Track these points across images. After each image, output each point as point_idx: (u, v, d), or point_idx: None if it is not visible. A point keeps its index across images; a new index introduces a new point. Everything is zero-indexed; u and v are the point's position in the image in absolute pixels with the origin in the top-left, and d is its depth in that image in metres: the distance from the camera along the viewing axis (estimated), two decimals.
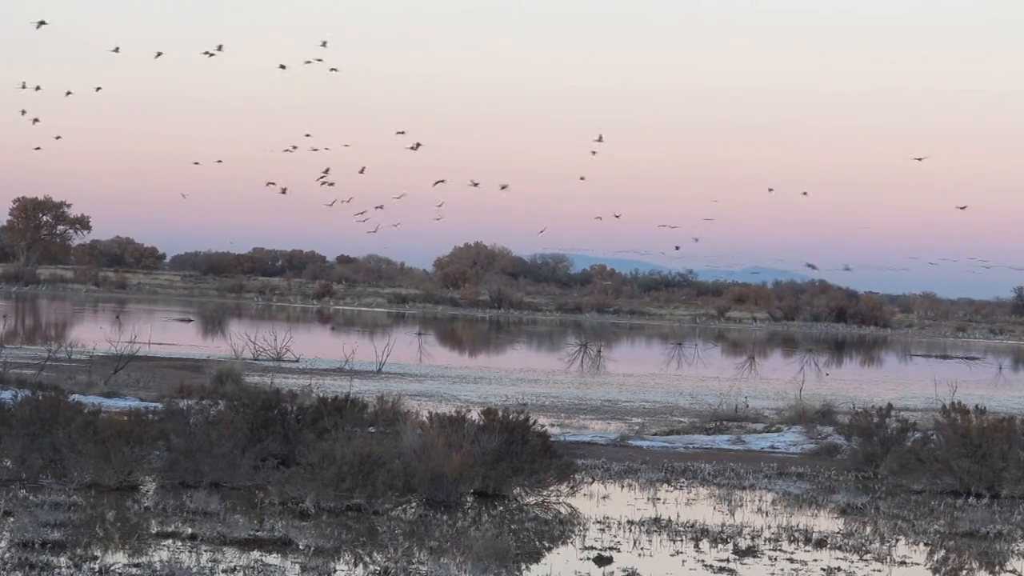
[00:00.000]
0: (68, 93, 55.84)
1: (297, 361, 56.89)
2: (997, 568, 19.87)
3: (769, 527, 21.85)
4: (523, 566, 18.22)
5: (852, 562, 19.45)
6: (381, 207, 59.88)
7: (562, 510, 22.99)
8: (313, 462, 21.74)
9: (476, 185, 56.77)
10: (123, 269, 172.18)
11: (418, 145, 53.45)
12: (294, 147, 56.83)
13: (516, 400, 41.15)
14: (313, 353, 61.50)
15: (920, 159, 51.12)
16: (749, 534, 21.09)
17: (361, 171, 59.15)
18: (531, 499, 23.68)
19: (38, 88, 53.20)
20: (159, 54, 50.53)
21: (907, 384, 62.81)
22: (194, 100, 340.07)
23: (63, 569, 16.61)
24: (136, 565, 16.96)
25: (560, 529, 21.32)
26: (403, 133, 54.20)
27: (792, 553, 19.87)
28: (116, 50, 52.83)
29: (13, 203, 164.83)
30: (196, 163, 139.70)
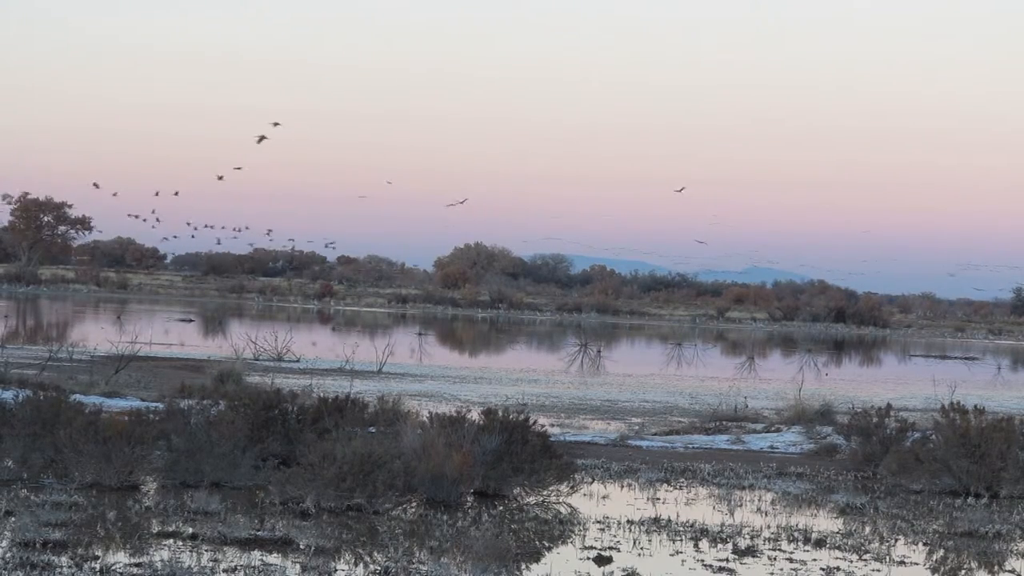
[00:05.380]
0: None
1: (298, 361, 56.91)
2: (996, 568, 19.91)
3: (768, 527, 21.89)
4: (523, 566, 18.25)
5: (851, 562, 19.49)
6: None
7: (562, 510, 23.02)
8: (313, 462, 21.78)
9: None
10: (124, 269, 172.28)
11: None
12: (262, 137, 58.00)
13: (516, 400, 41.15)
14: (314, 353, 61.55)
15: (680, 190, 51.75)
16: (748, 534, 21.13)
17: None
18: (531, 499, 23.72)
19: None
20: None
21: (906, 384, 62.82)
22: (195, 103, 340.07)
23: (64, 569, 16.64)
24: (137, 565, 16.99)
25: (560, 529, 21.36)
26: (278, 124, 56.26)
27: (791, 553, 19.91)
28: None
29: (14, 203, 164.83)
30: (220, 177, 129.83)
